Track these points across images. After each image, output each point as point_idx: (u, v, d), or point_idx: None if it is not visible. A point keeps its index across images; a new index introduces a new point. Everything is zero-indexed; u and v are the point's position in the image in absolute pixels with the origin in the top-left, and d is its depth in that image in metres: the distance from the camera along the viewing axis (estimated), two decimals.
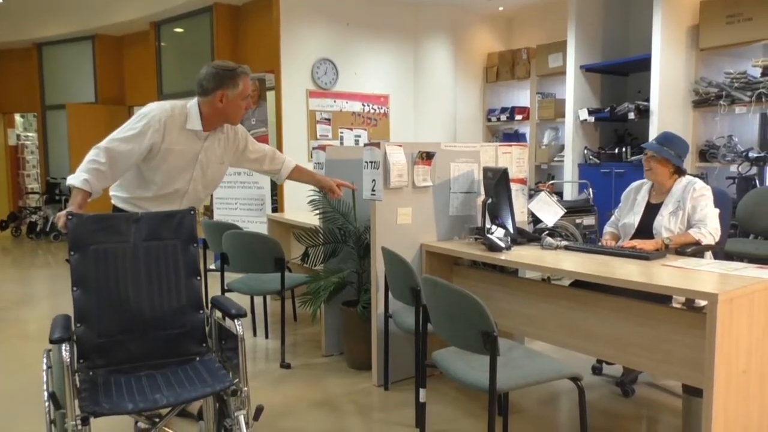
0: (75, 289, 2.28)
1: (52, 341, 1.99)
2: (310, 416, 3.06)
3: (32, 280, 6.87)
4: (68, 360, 1.93)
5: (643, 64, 5.99)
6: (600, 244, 3.53)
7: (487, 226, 3.21)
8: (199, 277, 2.41)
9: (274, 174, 3.13)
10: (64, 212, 2.31)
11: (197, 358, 2.34)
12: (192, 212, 2.43)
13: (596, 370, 3.56)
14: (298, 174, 3.16)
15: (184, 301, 2.36)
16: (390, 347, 3.35)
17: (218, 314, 2.36)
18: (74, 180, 2.47)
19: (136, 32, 9.24)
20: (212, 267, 4.64)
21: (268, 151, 3.08)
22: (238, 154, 2.95)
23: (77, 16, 9.15)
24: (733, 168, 5.45)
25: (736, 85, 5.41)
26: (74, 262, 2.27)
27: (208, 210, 7.96)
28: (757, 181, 5.29)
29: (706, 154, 5.74)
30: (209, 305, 2.42)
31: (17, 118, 11.12)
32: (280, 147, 6.96)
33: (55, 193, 9.78)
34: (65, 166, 9.61)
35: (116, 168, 2.55)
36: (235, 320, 2.18)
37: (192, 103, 2.68)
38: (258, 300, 4.58)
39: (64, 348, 1.96)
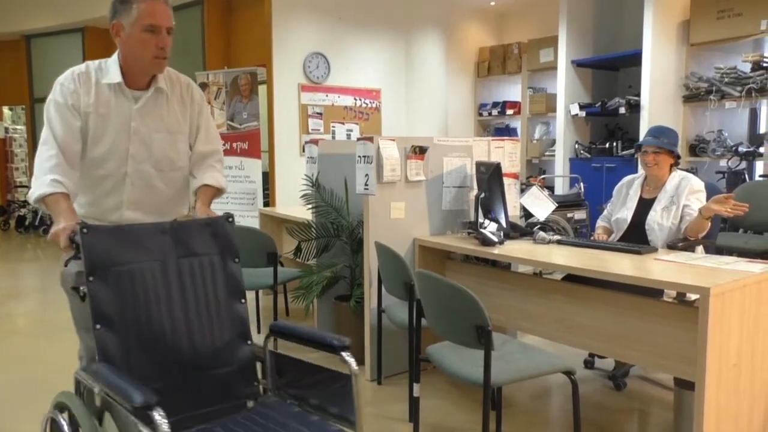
0: (98, 326, 1.73)
1: (138, 407, 1.41)
2: None
3: (21, 274, 6.82)
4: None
5: (634, 60, 6.01)
6: (592, 238, 3.55)
7: (480, 220, 3.22)
8: (243, 300, 2.00)
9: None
10: (64, 227, 1.81)
11: (251, 403, 1.91)
12: (230, 219, 2.04)
13: (588, 364, 3.58)
14: (198, 194, 2.23)
15: (228, 330, 1.92)
16: (383, 342, 3.35)
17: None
18: (40, 189, 1.91)
19: None
20: None
21: (213, 152, 2.28)
22: (192, 128, 2.22)
23: (66, 9, 9.06)
24: (723, 162, 5.48)
25: (726, 80, 5.44)
26: (93, 291, 1.73)
27: None
28: (746, 176, 5.33)
29: (696, 148, 5.77)
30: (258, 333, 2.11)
31: (5, 110, 11.00)
32: (272, 141, 6.93)
33: None
34: None
35: (69, 152, 1.99)
36: (343, 353, 1.80)
37: (113, 55, 2.11)
38: (250, 295, 4.56)
39: (159, 416, 1.40)
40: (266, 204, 6.68)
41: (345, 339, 1.83)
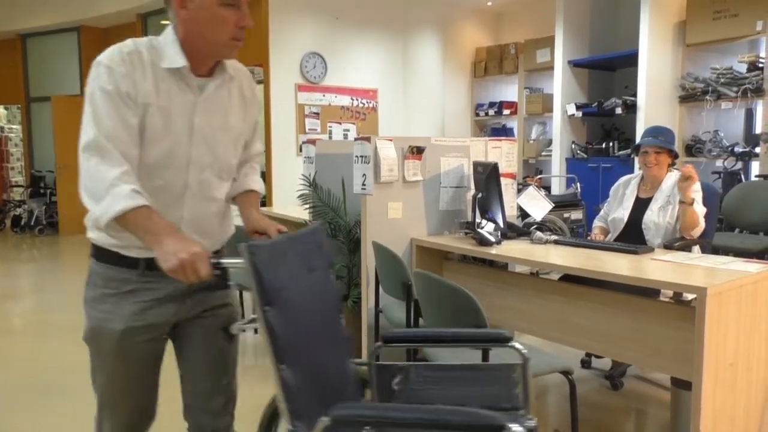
0: (283, 366, 1.41)
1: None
2: None
3: (17, 274, 6.80)
4: None
5: (630, 60, 6.03)
6: (589, 238, 3.56)
7: (477, 220, 3.22)
8: (342, 315, 1.79)
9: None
10: (195, 251, 1.39)
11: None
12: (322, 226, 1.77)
13: (585, 364, 3.59)
14: (243, 201, 1.88)
15: (345, 350, 1.76)
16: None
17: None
18: (120, 202, 1.43)
19: (122, 24, 9.14)
20: None
21: (258, 153, 1.95)
22: (250, 128, 1.81)
23: (62, 8, 9.04)
24: (719, 163, 5.50)
25: (722, 80, 5.46)
26: (273, 323, 1.38)
27: None
28: (742, 176, 5.35)
29: (693, 148, 5.79)
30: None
31: (1, 110, 10.97)
32: (268, 141, 6.93)
33: (39, 186, 9.67)
34: (50, 158, 9.51)
35: (128, 157, 1.51)
36: (513, 343, 1.75)
37: (164, 32, 1.62)
38: (247, 295, 4.57)
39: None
40: (263, 204, 6.67)
41: (503, 330, 1.78)
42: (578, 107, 6.64)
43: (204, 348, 1.77)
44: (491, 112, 8.18)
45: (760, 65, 5.27)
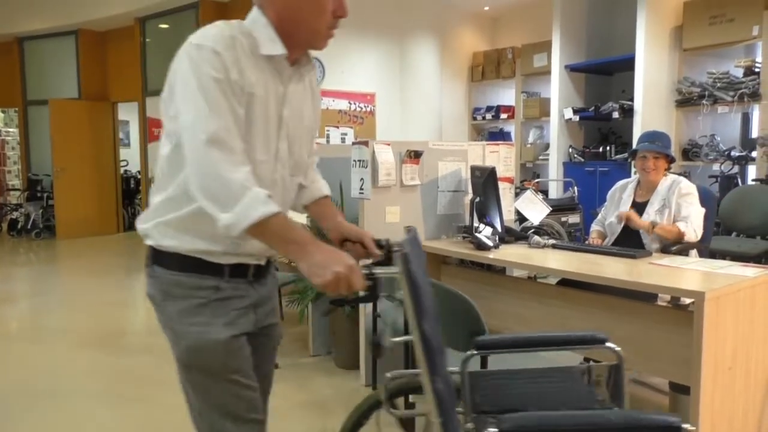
0: (437, 378, 1.34)
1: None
2: (298, 417, 3.05)
3: (13, 278, 6.77)
4: None
5: (627, 64, 6.04)
6: (587, 242, 3.56)
7: (475, 224, 3.22)
8: None
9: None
10: (348, 264, 1.26)
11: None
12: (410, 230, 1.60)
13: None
14: (324, 209, 1.74)
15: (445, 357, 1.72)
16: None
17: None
18: (261, 207, 1.28)
19: (120, 27, 9.14)
20: None
21: (315, 155, 1.76)
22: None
23: (60, 11, 9.03)
24: (716, 167, 5.52)
25: (718, 85, 5.48)
26: (429, 334, 1.30)
27: None
28: (739, 180, 5.37)
29: (689, 152, 5.80)
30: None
31: None
32: None
33: (36, 189, 9.65)
34: (47, 162, 9.49)
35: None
36: (607, 344, 1.78)
37: (251, 15, 1.49)
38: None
39: None
40: None
41: (599, 332, 1.77)
42: (575, 111, 6.65)
43: (258, 364, 1.58)
44: (488, 116, 8.20)
45: (756, 70, 5.29)
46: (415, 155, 3.38)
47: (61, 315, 5.14)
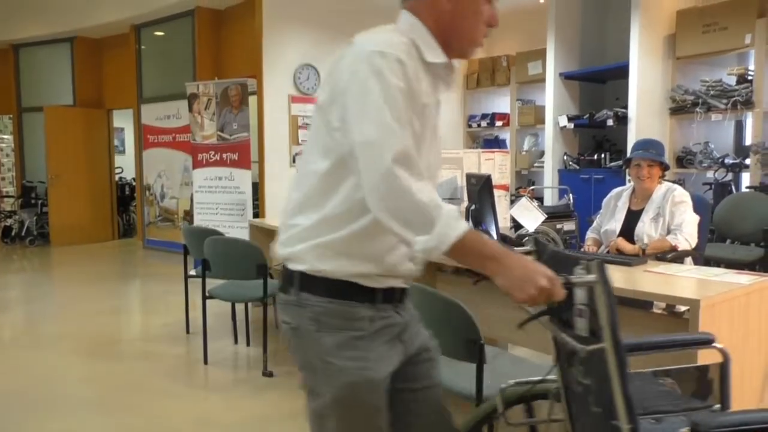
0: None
1: None
2: (293, 425, 3.04)
3: (7, 285, 6.74)
4: None
5: (621, 72, 6.07)
6: (582, 250, 3.57)
7: None
8: None
9: None
10: (549, 275, 1.23)
11: None
12: None
13: None
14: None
15: None
16: None
17: None
18: (461, 225, 1.23)
19: (116, 35, 9.15)
20: (193, 273, 4.59)
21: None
22: None
23: (55, 18, 9.03)
24: (710, 174, 5.54)
25: (711, 92, 5.51)
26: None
27: (188, 215, 7.90)
28: (733, 187, 5.39)
29: (683, 160, 5.83)
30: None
31: None
32: (261, 152, 6.93)
33: (30, 196, 9.62)
34: (41, 169, 9.46)
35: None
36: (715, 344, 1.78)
37: (408, 21, 1.42)
38: (239, 307, 4.55)
39: None
40: (256, 215, 6.66)
41: (707, 333, 1.79)
42: (570, 119, 6.67)
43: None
44: (484, 123, 8.22)
45: (749, 78, 5.32)
46: None
47: (56, 322, 5.12)
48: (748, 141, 5.53)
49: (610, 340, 1.27)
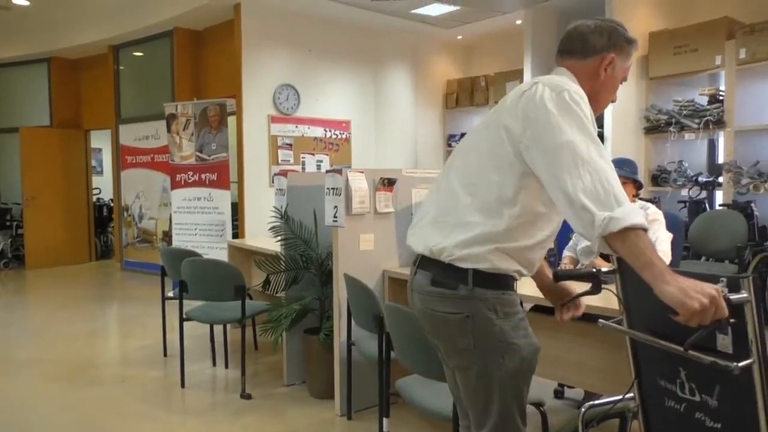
0: None
1: None
2: None
3: None
4: None
5: None
6: (559, 267, 3.59)
7: None
8: None
9: None
10: (715, 288, 1.30)
11: None
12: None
13: (558, 394, 3.59)
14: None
15: None
16: (353, 375, 3.32)
17: None
18: (641, 219, 1.43)
19: (93, 55, 9.11)
20: (170, 295, 4.54)
21: None
22: None
23: (33, 38, 8.98)
24: (684, 192, 5.63)
25: (684, 112, 5.62)
26: None
27: (167, 236, 7.83)
28: (707, 205, 5.48)
29: (658, 178, 5.92)
30: None
31: None
32: (241, 173, 6.91)
33: (5, 218, 9.46)
34: (17, 190, 9.33)
35: None
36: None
37: (566, 74, 1.75)
38: (218, 329, 4.50)
39: None
40: (235, 236, 6.62)
41: None
42: None
43: None
44: None
45: (720, 98, 5.44)
46: (389, 183, 3.40)
47: (31, 347, 5.01)
48: (720, 159, 5.64)
49: (757, 355, 1.29)
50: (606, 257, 3.13)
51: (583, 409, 1.85)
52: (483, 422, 1.74)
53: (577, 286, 1.82)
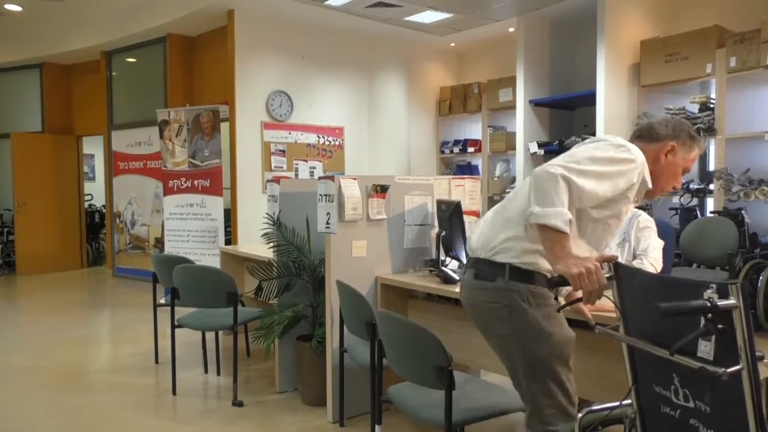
0: None
1: None
2: None
3: None
4: None
5: (588, 100, 6.21)
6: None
7: (442, 258, 3.24)
8: None
9: None
10: (594, 263, 1.71)
11: None
12: None
13: None
14: None
15: None
16: (345, 382, 3.31)
17: None
18: (561, 224, 1.78)
19: (86, 61, 9.09)
20: (162, 302, 4.52)
21: None
22: None
23: (25, 44, 8.95)
24: (676, 199, 5.65)
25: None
26: None
27: (159, 242, 7.80)
28: (698, 212, 5.50)
29: None
30: None
31: None
32: (234, 179, 6.90)
33: None
34: (8, 196, 9.28)
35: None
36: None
37: (638, 148, 2.07)
38: (210, 336, 4.48)
39: None
40: (228, 242, 6.61)
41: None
42: (540, 145, 6.78)
43: None
44: (456, 149, 8.30)
45: (711, 106, 5.47)
46: (382, 189, 3.40)
47: (21, 354, 4.97)
48: (711, 167, 5.67)
49: (746, 361, 1.30)
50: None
51: (580, 415, 1.86)
52: (531, 405, 2.00)
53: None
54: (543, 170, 1.85)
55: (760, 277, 2.14)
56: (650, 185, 2.02)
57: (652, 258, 3.10)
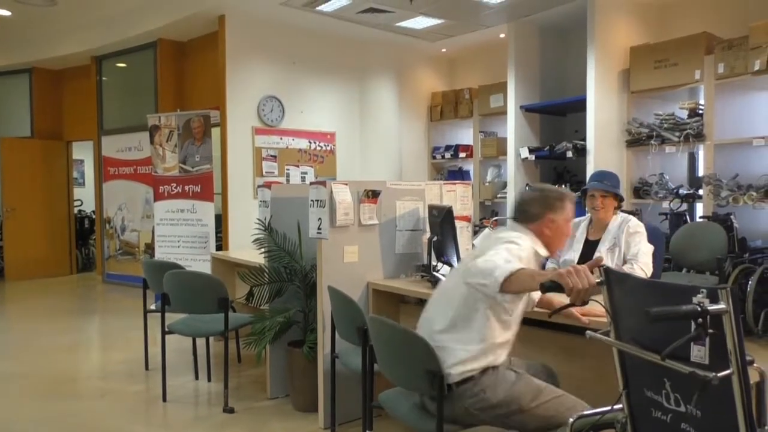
0: None
1: None
2: None
3: None
4: None
5: (579, 105, 6.24)
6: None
7: (433, 263, 3.24)
8: None
9: None
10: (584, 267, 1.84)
11: None
12: None
13: None
14: None
15: None
16: (337, 388, 3.29)
17: None
18: (502, 272, 2.08)
19: (76, 66, 9.04)
20: (152, 308, 4.49)
21: None
22: None
23: (14, 49, 8.90)
24: (665, 204, 5.69)
25: (665, 125, 5.69)
26: None
27: (150, 248, 7.75)
28: (687, 217, 5.54)
29: (640, 191, 5.98)
30: None
31: None
32: (225, 184, 6.88)
33: None
34: None
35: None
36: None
37: (529, 233, 2.40)
38: (200, 342, 4.46)
39: None
40: (218, 248, 6.58)
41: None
42: (531, 150, 6.81)
43: None
44: (447, 155, 8.32)
45: (700, 112, 5.52)
46: (373, 195, 3.40)
47: (9, 361, 4.93)
48: (701, 172, 5.71)
49: (737, 366, 1.31)
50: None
51: (571, 419, 1.86)
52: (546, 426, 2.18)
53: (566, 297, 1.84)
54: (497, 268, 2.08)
55: (749, 282, 2.15)
56: (546, 253, 2.37)
57: (642, 263, 3.11)
